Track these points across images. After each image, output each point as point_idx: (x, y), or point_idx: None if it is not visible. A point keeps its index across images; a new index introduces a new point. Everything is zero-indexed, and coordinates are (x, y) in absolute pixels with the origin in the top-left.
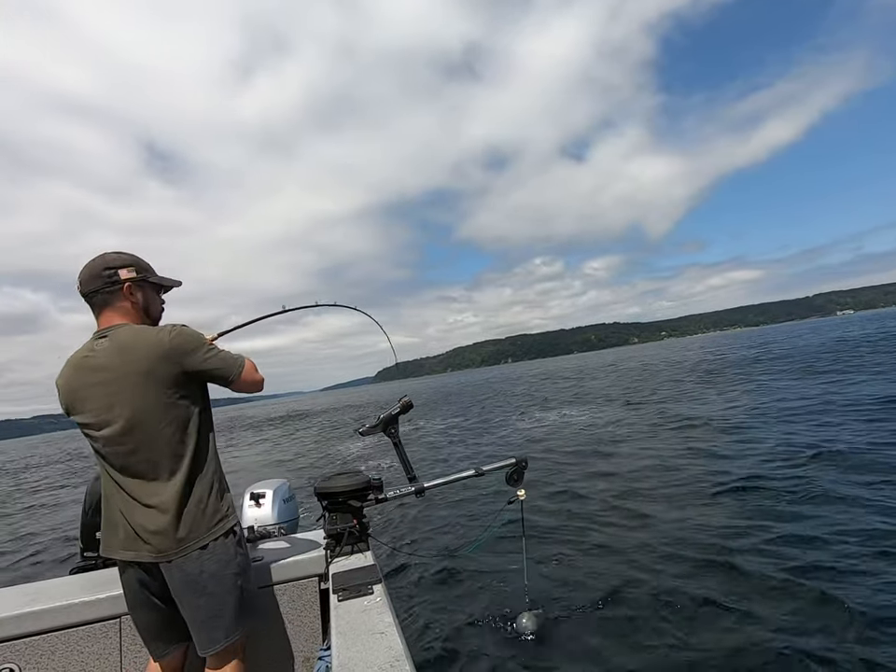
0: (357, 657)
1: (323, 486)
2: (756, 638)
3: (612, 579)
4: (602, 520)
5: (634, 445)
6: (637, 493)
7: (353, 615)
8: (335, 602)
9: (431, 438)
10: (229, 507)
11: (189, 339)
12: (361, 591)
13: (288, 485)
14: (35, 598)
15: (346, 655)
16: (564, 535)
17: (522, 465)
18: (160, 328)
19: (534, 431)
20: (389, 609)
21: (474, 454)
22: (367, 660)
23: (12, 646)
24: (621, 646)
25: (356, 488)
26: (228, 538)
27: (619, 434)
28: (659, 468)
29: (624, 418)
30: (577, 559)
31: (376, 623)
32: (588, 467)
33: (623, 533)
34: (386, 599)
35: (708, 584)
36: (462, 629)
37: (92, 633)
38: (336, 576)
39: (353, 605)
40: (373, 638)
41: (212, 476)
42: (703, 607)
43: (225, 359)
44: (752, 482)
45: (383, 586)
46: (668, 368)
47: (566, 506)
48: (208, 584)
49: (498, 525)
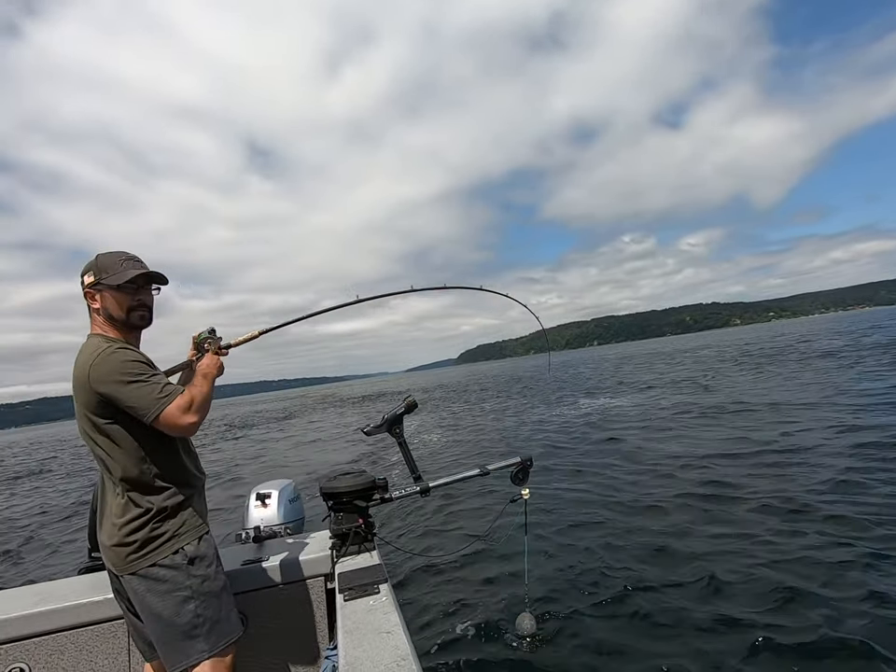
0: (363, 656)
1: (328, 486)
2: (773, 650)
3: (618, 580)
4: (609, 518)
5: (668, 439)
6: (652, 492)
7: (359, 615)
8: (341, 602)
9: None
10: (183, 524)
11: (109, 368)
12: (367, 590)
13: (294, 485)
14: (44, 598)
15: (353, 655)
16: (568, 534)
17: (527, 464)
18: (92, 351)
19: (552, 422)
20: (395, 609)
21: (482, 448)
22: (373, 659)
23: (22, 646)
24: (624, 648)
25: (361, 488)
26: (177, 555)
27: (655, 425)
28: (686, 467)
29: (682, 406)
30: (581, 560)
31: (382, 622)
32: (602, 456)
33: (631, 534)
34: (392, 599)
35: (718, 592)
36: (468, 629)
37: (101, 632)
38: (342, 576)
39: (359, 604)
40: (380, 638)
41: (158, 496)
42: (713, 614)
43: (144, 396)
44: (800, 507)
45: (388, 586)
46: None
47: (571, 506)
48: (153, 606)
49: (515, 528)
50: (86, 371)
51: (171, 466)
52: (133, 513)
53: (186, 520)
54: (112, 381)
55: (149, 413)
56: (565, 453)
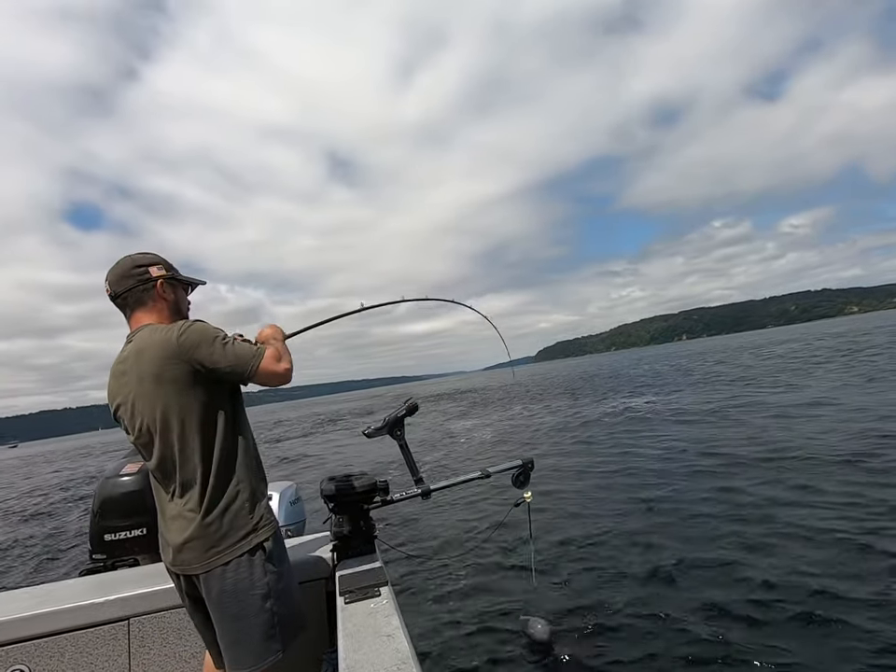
0: (363, 659)
1: (329, 489)
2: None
3: (628, 584)
4: (619, 521)
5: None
6: (664, 495)
7: (360, 617)
8: (342, 604)
9: None
10: (260, 519)
11: (199, 334)
12: (368, 593)
13: (295, 488)
14: (44, 600)
15: (353, 658)
16: (576, 534)
17: (528, 466)
18: (170, 326)
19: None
20: (396, 612)
21: (492, 450)
22: (374, 662)
23: (22, 647)
24: (634, 656)
25: (362, 490)
26: (255, 555)
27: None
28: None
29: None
30: (590, 560)
31: (383, 625)
32: (611, 465)
33: (644, 537)
34: (393, 602)
35: (728, 592)
36: (469, 633)
37: (102, 635)
38: (343, 578)
39: (360, 607)
40: (380, 641)
41: (239, 485)
42: (722, 617)
43: (239, 353)
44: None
45: (389, 588)
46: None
47: (578, 504)
48: (230, 605)
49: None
50: (174, 343)
51: (247, 455)
52: (218, 504)
53: (262, 514)
54: (207, 343)
55: (250, 365)
56: (580, 449)
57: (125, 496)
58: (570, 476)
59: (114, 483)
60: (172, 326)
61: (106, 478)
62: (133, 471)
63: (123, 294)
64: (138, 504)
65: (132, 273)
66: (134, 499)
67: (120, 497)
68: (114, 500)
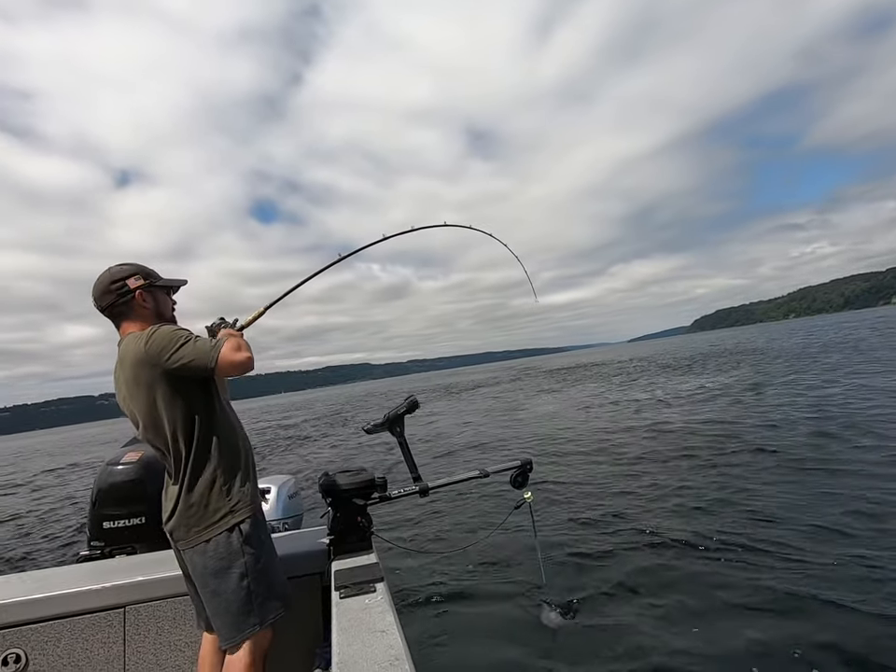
0: (357, 654)
1: (327, 483)
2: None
3: (640, 581)
4: (634, 518)
5: None
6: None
7: (354, 613)
8: (337, 599)
9: None
10: (238, 502)
11: (161, 339)
12: (363, 589)
13: (294, 481)
14: (42, 585)
15: (347, 653)
16: (584, 531)
17: (527, 467)
18: (141, 334)
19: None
20: (391, 608)
21: (487, 454)
22: (367, 658)
23: (18, 631)
24: (644, 655)
25: (360, 486)
26: (233, 534)
27: None
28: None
29: None
30: (597, 558)
31: (377, 621)
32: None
33: (661, 532)
34: (388, 598)
35: (737, 582)
36: (464, 631)
37: (97, 621)
38: (338, 573)
39: (354, 602)
40: (374, 637)
41: (216, 471)
42: (733, 606)
43: (199, 348)
44: None
45: (385, 585)
46: None
47: (584, 504)
48: (209, 581)
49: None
50: (142, 351)
51: (225, 444)
52: (196, 488)
53: (240, 498)
54: (172, 346)
55: (209, 358)
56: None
57: (124, 484)
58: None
59: (113, 472)
60: (142, 334)
61: (107, 465)
62: (133, 460)
63: (107, 308)
64: (137, 493)
65: (110, 288)
66: (133, 488)
67: (120, 485)
68: (113, 488)
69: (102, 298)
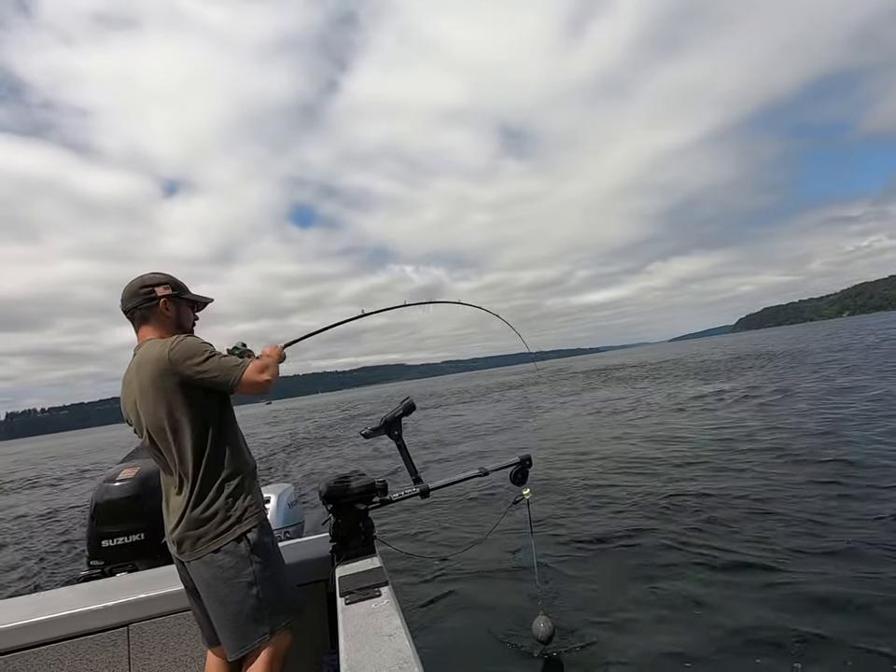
0: (365, 660)
1: (327, 490)
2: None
3: (636, 581)
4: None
5: None
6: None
7: (360, 618)
8: (342, 605)
9: None
10: (244, 511)
11: (186, 349)
12: (368, 593)
13: (293, 489)
14: (42, 608)
15: (354, 658)
16: (583, 531)
17: (526, 464)
18: (165, 341)
19: None
20: (397, 612)
21: (485, 451)
22: (375, 663)
23: (21, 656)
24: (642, 652)
25: (360, 491)
26: (241, 544)
27: None
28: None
29: None
30: (596, 557)
31: (384, 625)
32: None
33: (656, 531)
34: (394, 601)
35: (737, 587)
36: (471, 632)
37: (101, 641)
38: (343, 579)
39: (360, 608)
40: (381, 641)
41: (225, 482)
42: (734, 611)
43: (223, 365)
44: None
45: (390, 588)
46: None
47: (583, 501)
48: (218, 591)
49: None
50: (165, 358)
51: (234, 456)
52: (205, 498)
53: (247, 507)
54: (195, 357)
55: (233, 376)
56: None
57: (122, 501)
58: None
59: (111, 489)
60: (166, 341)
61: (103, 482)
62: (129, 476)
63: (131, 310)
64: (135, 509)
65: (139, 292)
66: (131, 504)
67: (117, 502)
68: (111, 505)
69: (129, 300)
